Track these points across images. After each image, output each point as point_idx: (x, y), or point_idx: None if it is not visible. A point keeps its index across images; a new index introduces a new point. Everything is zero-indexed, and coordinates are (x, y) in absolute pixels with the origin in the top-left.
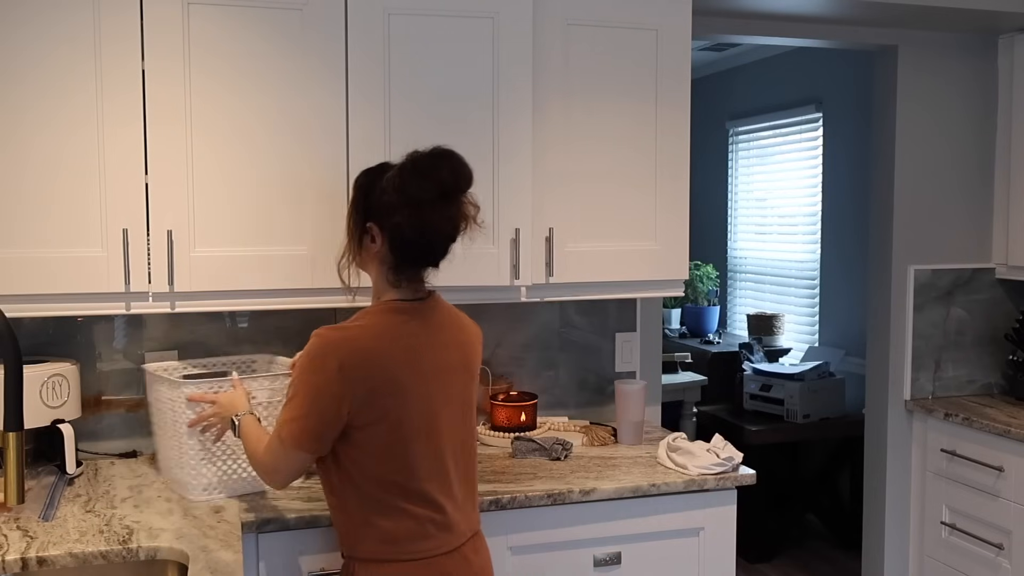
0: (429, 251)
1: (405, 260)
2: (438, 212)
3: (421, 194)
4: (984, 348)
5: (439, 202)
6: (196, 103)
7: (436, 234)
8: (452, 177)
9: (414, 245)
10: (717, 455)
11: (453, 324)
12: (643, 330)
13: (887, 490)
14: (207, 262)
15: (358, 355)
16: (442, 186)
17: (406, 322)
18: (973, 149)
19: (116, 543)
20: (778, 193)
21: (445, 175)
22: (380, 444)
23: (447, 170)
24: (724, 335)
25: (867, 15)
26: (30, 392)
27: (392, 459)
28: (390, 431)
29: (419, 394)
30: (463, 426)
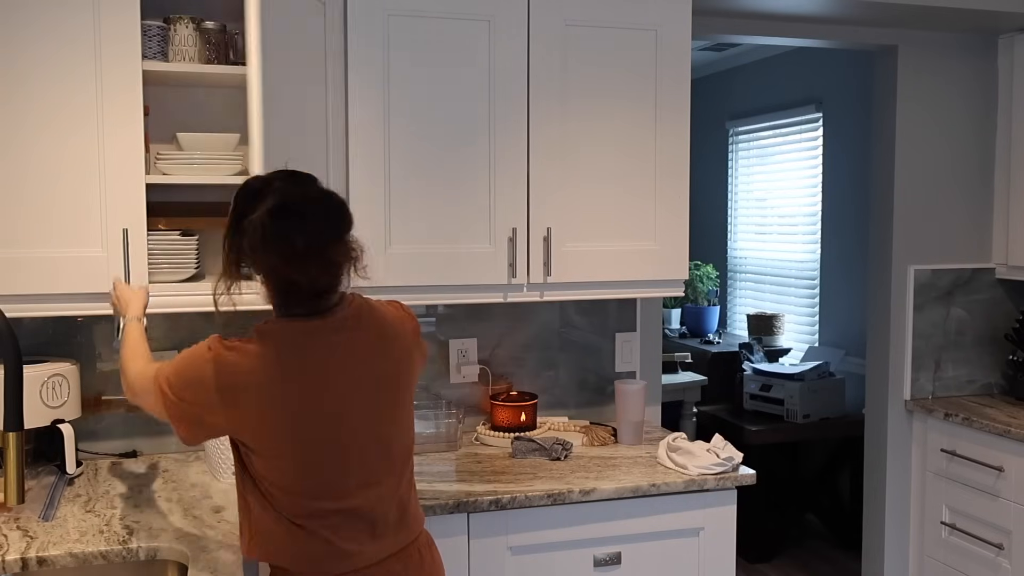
0: (303, 296)
1: (281, 302)
2: (303, 270)
3: (272, 260)
4: (984, 348)
5: (303, 260)
6: None
7: (301, 287)
8: (304, 244)
9: (284, 292)
10: (717, 455)
11: (367, 329)
12: (643, 330)
13: (887, 490)
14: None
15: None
16: (292, 254)
17: (301, 341)
18: (973, 149)
19: (116, 543)
20: (778, 193)
21: (296, 245)
22: (275, 463)
23: (298, 237)
24: (724, 335)
25: (867, 15)
26: (30, 392)
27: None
28: (281, 455)
29: (311, 418)
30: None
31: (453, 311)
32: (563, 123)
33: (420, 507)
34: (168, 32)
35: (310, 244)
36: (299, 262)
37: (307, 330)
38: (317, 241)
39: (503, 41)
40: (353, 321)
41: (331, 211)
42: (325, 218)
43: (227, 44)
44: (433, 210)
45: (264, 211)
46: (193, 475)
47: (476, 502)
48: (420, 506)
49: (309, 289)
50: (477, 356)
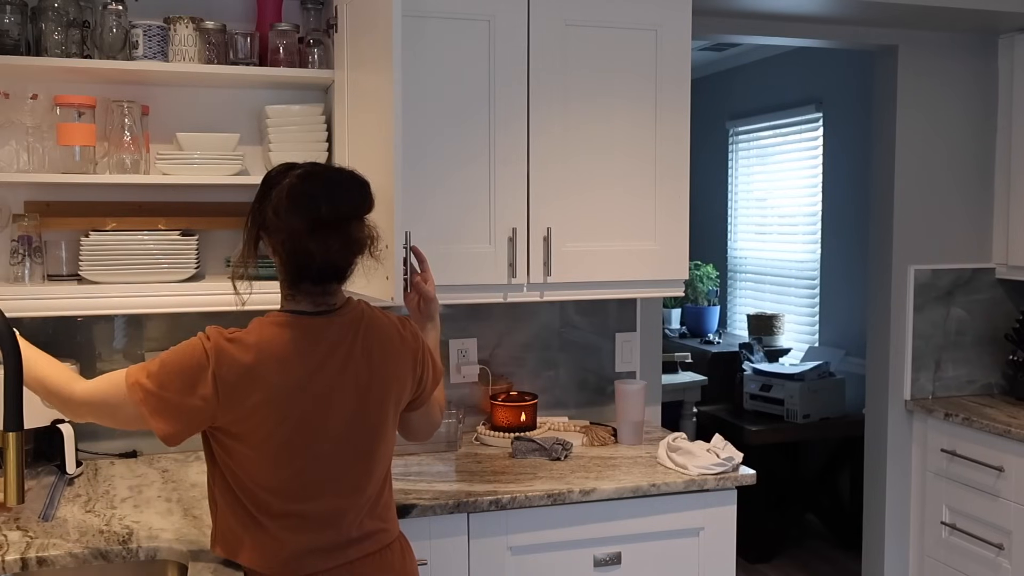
0: (315, 274)
1: (294, 279)
2: (322, 243)
3: (295, 223)
4: (984, 348)
5: (324, 233)
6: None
7: (316, 261)
8: (329, 211)
9: (297, 267)
10: (717, 455)
11: (367, 337)
12: (643, 330)
13: (887, 490)
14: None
15: (237, 373)
16: (316, 220)
17: (301, 339)
18: (973, 149)
19: (116, 543)
20: (778, 193)
21: (321, 210)
22: (252, 460)
23: (324, 203)
24: (724, 335)
25: (867, 15)
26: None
27: (264, 477)
28: (262, 451)
29: (296, 415)
30: (356, 449)
31: (453, 311)
32: (563, 123)
33: (394, 513)
34: (168, 32)
35: (333, 213)
36: (320, 231)
37: (310, 327)
38: (340, 212)
39: (503, 41)
40: (354, 328)
41: (357, 188)
42: (350, 192)
43: (227, 44)
44: (433, 210)
45: (294, 175)
46: (193, 475)
47: (476, 502)
48: (395, 512)
49: (322, 265)
50: (477, 356)
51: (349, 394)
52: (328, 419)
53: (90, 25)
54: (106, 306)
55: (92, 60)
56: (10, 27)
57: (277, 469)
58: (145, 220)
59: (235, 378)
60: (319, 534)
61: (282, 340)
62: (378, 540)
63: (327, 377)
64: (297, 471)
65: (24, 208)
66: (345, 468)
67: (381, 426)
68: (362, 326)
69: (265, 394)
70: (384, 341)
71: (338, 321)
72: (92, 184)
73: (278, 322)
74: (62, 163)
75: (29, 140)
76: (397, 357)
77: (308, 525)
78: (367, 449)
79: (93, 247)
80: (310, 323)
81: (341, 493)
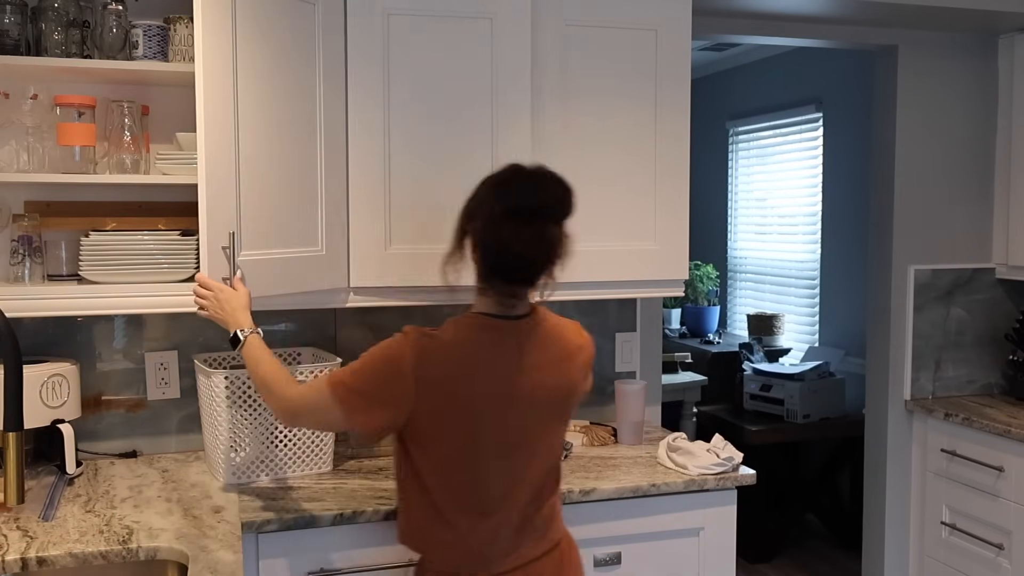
0: (508, 268)
1: (486, 270)
2: (515, 232)
3: (495, 208)
4: (984, 348)
5: (518, 221)
6: None
7: (508, 249)
8: (537, 202)
9: (492, 258)
10: (717, 455)
11: (551, 345)
12: (643, 330)
13: (887, 490)
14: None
15: (435, 371)
16: (523, 208)
17: (494, 342)
18: (973, 149)
19: (116, 543)
20: (778, 193)
21: (529, 198)
22: (443, 458)
23: (535, 194)
24: (724, 335)
25: (867, 15)
26: (30, 392)
27: (453, 475)
28: (454, 450)
29: (485, 417)
30: (535, 453)
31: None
32: (563, 123)
33: (561, 514)
34: (168, 32)
35: (530, 205)
36: (516, 219)
37: (503, 331)
38: (537, 207)
39: (504, 40)
40: (540, 333)
41: (563, 193)
42: (551, 192)
43: None
44: (433, 210)
45: (501, 170)
46: (193, 475)
47: None
48: (562, 513)
49: (516, 256)
50: None
51: (534, 397)
52: (514, 421)
53: (90, 25)
54: (106, 306)
55: (92, 60)
56: (10, 27)
57: (467, 467)
58: (145, 220)
59: (433, 376)
60: (502, 531)
61: (477, 342)
62: (550, 539)
63: (516, 380)
64: (484, 470)
65: (24, 208)
66: (525, 469)
67: (557, 428)
68: (548, 330)
69: (460, 394)
70: (564, 346)
71: (526, 326)
72: (92, 184)
73: (472, 324)
74: (62, 163)
75: (29, 140)
76: (572, 363)
77: (492, 523)
78: (545, 451)
79: (93, 247)
80: (503, 326)
81: (522, 492)
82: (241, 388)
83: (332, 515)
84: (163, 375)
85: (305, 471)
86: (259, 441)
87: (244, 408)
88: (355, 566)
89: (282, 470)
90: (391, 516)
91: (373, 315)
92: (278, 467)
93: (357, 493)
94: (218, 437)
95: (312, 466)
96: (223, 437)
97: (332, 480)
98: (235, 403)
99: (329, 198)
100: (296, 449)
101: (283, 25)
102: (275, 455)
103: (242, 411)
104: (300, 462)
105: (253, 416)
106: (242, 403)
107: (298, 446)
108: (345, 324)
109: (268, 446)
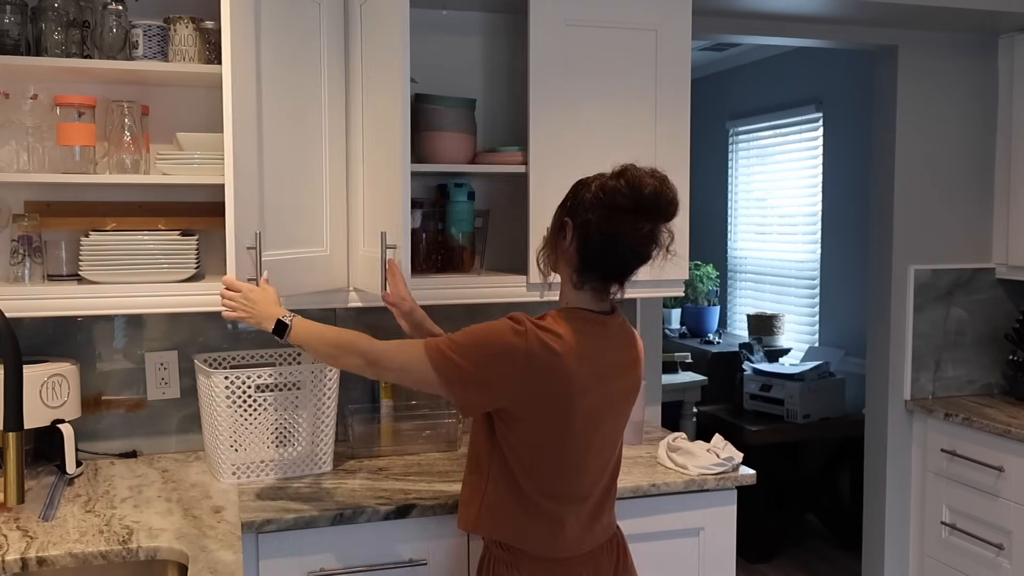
0: (612, 260)
1: (588, 264)
2: (629, 224)
3: (617, 200)
4: (984, 348)
5: (632, 215)
6: None
7: (621, 244)
8: (653, 197)
9: (598, 248)
10: (717, 455)
11: (628, 344)
12: (643, 330)
13: (887, 490)
14: None
15: (547, 359)
16: (640, 201)
17: (594, 335)
18: (973, 149)
19: (116, 543)
20: (778, 193)
21: (647, 193)
22: (535, 445)
23: (651, 189)
24: (724, 335)
25: (867, 15)
26: (30, 392)
27: (543, 460)
28: (550, 434)
29: (585, 409)
30: (613, 445)
31: (452, 311)
32: (563, 123)
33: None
34: (168, 32)
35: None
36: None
37: (601, 326)
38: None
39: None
40: (626, 331)
41: (676, 195)
42: (673, 195)
43: None
44: None
45: (608, 172)
46: (193, 475)
47: None
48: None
49: (629, 256)
50: None
51: (618, 393)
52: (605, 415)
53: (90, 25)
54: (106, 306)
55: (92, 60)
56: (10, 27)
57: (559, 456)
58: (145, 220)
59: (544, 363)
60: (583, 518)
61: (581, 335)
62: (612, 527)
63: (609, 376)
64: (573, 458)
65: (24, 208)
66: (607, 461)
67: (625, 423)
68: (627, 329)
69: (564, 385)
70: (637, 347)
71: (615, 323)
72: (92, 184)
73: (574, 317)
74: (62, 163)
75: (29, 140)
76: (640, 363)
77: (577, 509)
78: (619, 442)
79: (93, 247)
80: (603, 321)
81: (597, 482)
82: (241, 388)
83: (332, 515)
84: (163, 375)
85: (305, 471)
86: (259, 441)
87: (244, 408)
88: (355, 566)
89: (282, 470)
90: (391, 516)
91: (373, 315)
92: (278, 467)
93: (357, 493)
94: (218, 437)
95: (312, 466)
96: (223, 437)
97: (332, 480)
98: (235, 403)
99: (333, 198)
100: (296, 449)
101: (300, 27)
102: (275, 455)
103: (242, 411)
104: (300, 462)
105: (253, 416)
106: (242, 403)
107: (298, 446)
108: (345, 324)
109: (268, 446)
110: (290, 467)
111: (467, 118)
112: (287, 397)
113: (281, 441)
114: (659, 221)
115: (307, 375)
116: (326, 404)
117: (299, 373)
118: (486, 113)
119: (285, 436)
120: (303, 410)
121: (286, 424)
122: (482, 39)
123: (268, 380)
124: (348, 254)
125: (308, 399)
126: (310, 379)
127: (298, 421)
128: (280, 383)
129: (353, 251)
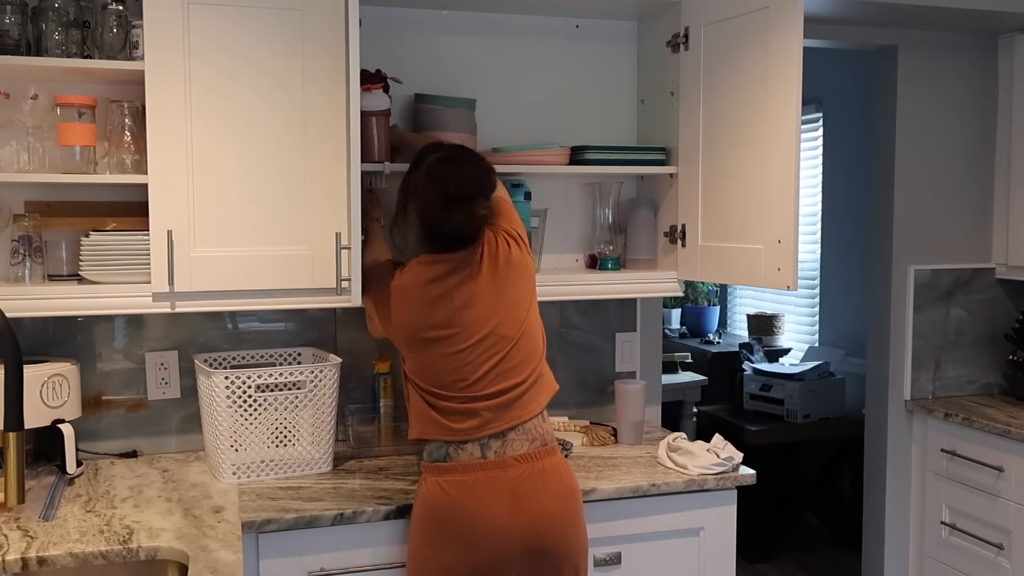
0: (446, 239)
1: (430, 241)
2: (444, 214)
3: (428, 196)
4: (984, 348)
5: (444, 205)
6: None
7: (444, 230)
8: (454, 187)
9: (432, 232)
10: (717, 455)
11: (495, 255)
12: (643, 330)
13: (887, 490)
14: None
15: (397, 297)
16: (443, 194)
17: (437, 270)
18: (973, 149)
19: (116, 543)
20: None
21: (449, 186)
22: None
23: (452, 180)
24: (724, 335)
25: (867, 15)
26: (30, 392)
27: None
28: (422, 345)
29: (441, 315)
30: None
31: None
32: None
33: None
34: None
35: (460, 188)
36: (446, 207)
37: (440, 259)
38: (464, 185)
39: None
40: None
41: (482, 172)
42: (469, 172)
43: None
44: None
45: (435, 157)
46: (193, 475)
47: None
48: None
49: (449, 234)
50: None
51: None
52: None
53: (90, 25)
54: (106, 306)
55: (92, 60)
56: (10, 27)
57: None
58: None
59: (397, 297)
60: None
61: (426, 273)
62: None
63: (465, 288)
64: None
65: (24, 208)
66: (487, 347)
67: (519, 304)
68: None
69: (412, 310)
70: (508, 252)
71: (473, 249)
72: (92, 184)
73: (426, 259)
74: (62, 163)
75: (29, 140)
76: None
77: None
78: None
79: (93, 247)
80: (446, 258)
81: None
82: (241, 388)
83: (332, 515)
84: (163, 375)
85: (305, 471)
86: (259, 441)
87: (244, 408)
88: (355, 566)
89: (282, 470)
90: (391, 516)
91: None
92: (278, 467)
93: (357, 493)
94: (218, 437)
95: (312, 466)
96: (223, 437)
97: (332, 480)
98: (235, 403)
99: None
100: (296, 449)
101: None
102: (275, 455)
103: (242, 411)
104: (300, 462)
105: (253, 416)
106: (242, 403)
107: (298, 446)
108: (345, 324)
109: (268, 446)
110: (290, 467)
111: (467, 118)
112: (287, 397)
113: (281, 441)
114: (469, 204)
115: (307, 375)
116: (326, 404)
117: (299, 373)
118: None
119: (285, 436)
120: (303, 410)
121: (286, 424)
122: None
123: (268, 380)
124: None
125: (308, 399)
126: (310, 379)
127: (298, 421)
128: (280, 383)
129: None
